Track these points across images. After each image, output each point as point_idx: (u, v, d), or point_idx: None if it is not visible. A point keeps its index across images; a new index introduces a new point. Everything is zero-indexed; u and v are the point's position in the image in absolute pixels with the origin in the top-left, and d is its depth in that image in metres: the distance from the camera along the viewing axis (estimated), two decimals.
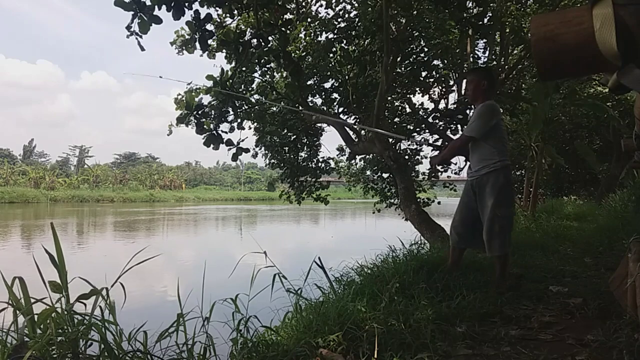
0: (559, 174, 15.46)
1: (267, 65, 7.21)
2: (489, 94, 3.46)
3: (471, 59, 8.71)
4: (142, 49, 4.25)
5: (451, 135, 8.62)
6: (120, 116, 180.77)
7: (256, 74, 7.91)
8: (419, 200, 8.12)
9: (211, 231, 24.21)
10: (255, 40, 4.83)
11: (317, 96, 8.81)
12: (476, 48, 9.22)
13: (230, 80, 5.93)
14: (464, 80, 6.45)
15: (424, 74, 8.75)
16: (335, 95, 8.81)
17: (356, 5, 8.01)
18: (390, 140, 7.32)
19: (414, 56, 8.35)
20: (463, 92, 8.04)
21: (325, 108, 8.81)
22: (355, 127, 7.76)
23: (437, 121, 9.34)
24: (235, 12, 5.24)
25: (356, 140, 8.24)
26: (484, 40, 8.24)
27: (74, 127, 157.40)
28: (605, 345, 2.26)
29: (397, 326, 2.37)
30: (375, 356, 2.12)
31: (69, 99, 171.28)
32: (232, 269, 2.93)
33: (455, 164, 9.41)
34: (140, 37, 4.06)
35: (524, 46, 8.47)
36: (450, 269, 3.46)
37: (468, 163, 3.60)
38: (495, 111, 3.41)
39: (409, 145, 9.86)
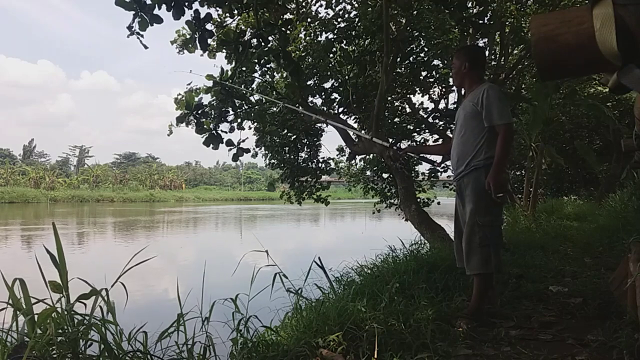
0: (559, 174, 15.44)
1: (267, 65, 7.21)
2: (474, 75, 2.97)
3: None
4: (145, 47, 4.26)
5: (451, 135, 8.58)
6: (120, 116, 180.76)
7: (256, 74, 7.91)
8: (419, 200, 8.11)
9: (211, 231, 24.19)
10: (255, 40, 4.82)
11: (317, 96, 8.80)
12: None
13: (230, 80, 5.93)
14: None
15: (424, 74, 8.74)
16: (335, 95, 8.80)
17: (356, 5, 8.01)
18: (390, 140, 7.32)
19: (414, 56, 8.34)
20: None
21: (325, 108, 8.79)
22: (353, 131, 7.70)
23: (437, 121, 9.34)
24: (235, 12, 5.24)
25: (356, 140, 8.24)
26: (484, 40, 8.22)
27: (74, 127, 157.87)
28: (605, 345, 2.26)
29: (397, 326, 2.37)
30: (375, 356, 2.12)
31: (70, 98, 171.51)
32: (232, 268, 2.93)
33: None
34: (142, 36, 4.07)
35: (524, 46, 8.46)
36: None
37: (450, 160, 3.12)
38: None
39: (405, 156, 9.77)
